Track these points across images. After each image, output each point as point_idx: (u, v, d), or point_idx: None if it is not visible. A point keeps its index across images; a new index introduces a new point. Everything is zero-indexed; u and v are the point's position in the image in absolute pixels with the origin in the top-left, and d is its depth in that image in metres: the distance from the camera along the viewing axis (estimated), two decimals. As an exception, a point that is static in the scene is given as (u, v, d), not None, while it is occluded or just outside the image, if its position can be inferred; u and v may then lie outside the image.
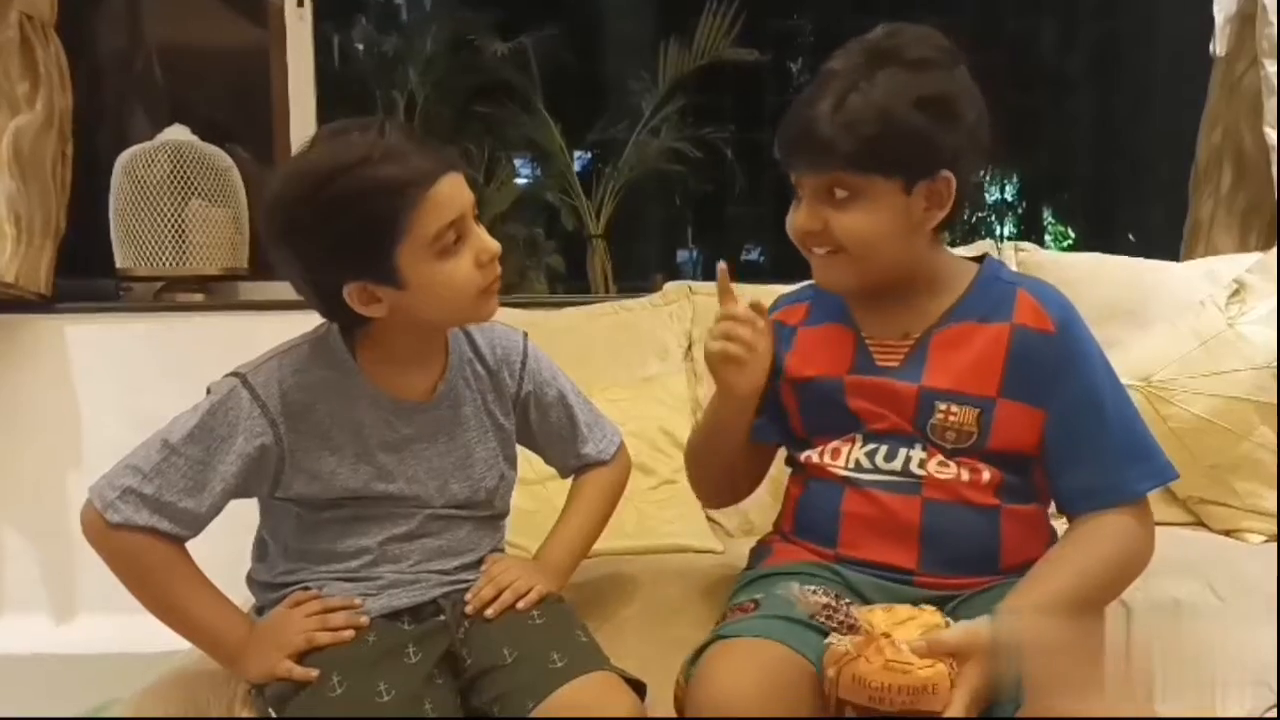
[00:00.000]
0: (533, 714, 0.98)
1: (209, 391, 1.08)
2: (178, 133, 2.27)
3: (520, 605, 1.11)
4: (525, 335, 1.24)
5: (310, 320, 1.13)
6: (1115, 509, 1.05)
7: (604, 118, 3.40)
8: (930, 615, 0.96)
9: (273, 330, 1.13)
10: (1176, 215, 2.32)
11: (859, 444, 1.12)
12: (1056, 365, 1.07)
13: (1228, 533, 1.60)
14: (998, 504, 1.08)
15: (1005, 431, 1.07)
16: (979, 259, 1.18)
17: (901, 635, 0.91)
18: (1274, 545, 1.54)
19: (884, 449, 1.10)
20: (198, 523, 1.05)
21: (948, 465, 1.08)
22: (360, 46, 3.22)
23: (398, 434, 1.11)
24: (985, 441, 1.08)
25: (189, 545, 1.06)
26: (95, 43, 2.51)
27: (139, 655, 1.22)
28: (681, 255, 3.92)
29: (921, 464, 1.08)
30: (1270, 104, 1.97)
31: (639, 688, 1.03)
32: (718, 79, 3.34)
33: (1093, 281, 1.78)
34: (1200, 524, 1.64)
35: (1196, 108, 2.24)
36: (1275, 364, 1.57)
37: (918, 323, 1.12)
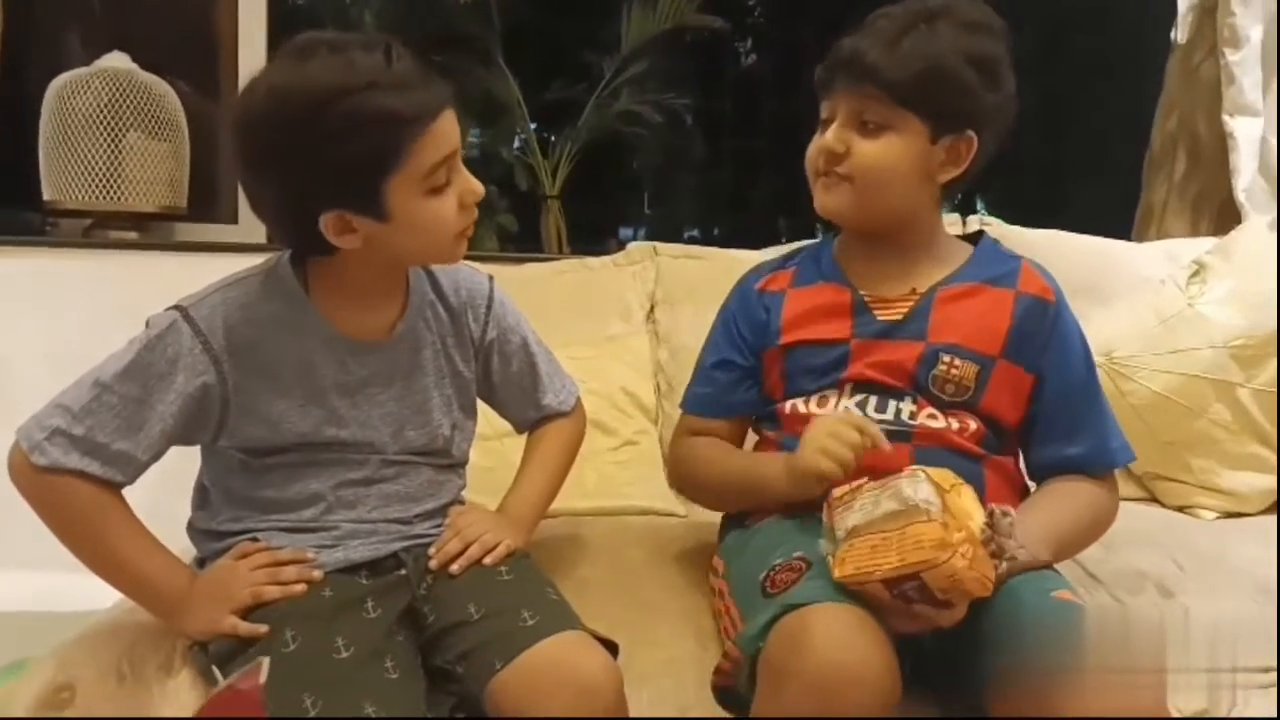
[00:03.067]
0: (502, 672, 0.93)
1: (148, 325, 1.00)
2: (117, 60, 2.13)
3: (487, 560, 1.06)
4: (491, 279, 1.19)
5: (248, 265, 1.05)
6: (1080, 477, 1.11)
7: (562, 78, 3.31)
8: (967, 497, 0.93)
9: (211, 274, 1.05)
10: (1117, 199, 2.36)
11: (848, 393, 1.11)
12: (1051, 333, 1.13)
13: (1180, 508, 1.62)
14: (982, 454, 1.09)
15: (997, 391, 1.10)
16: (974, 237, 1.21)
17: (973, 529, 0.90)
18: (1226, 522, 1.57)
19: (874, 399, 1.11)
20: (133, 467, 0.97)
21: (936, 417, 1.09)
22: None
23: (351, 375, 1.05)
24: (979, 398, 1.10)
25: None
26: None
27: (54, 614, 1.15)
28: (625, 233, 3.85)
29: (912, 415, 1.09)
30: (1229, 93, 1.99)
31: (611, 648, 0.99)
32: (681, 45, 3.28)
33: (1055, 257, 1.78)
34: (1154, 499, 1.66)
35: (1142, 93, 2.27)
36: (1233, 344, 1.59)
37: (923, 280, 1.14)
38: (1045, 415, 1.13)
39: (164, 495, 1.06)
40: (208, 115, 2.37)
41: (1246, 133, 1.99)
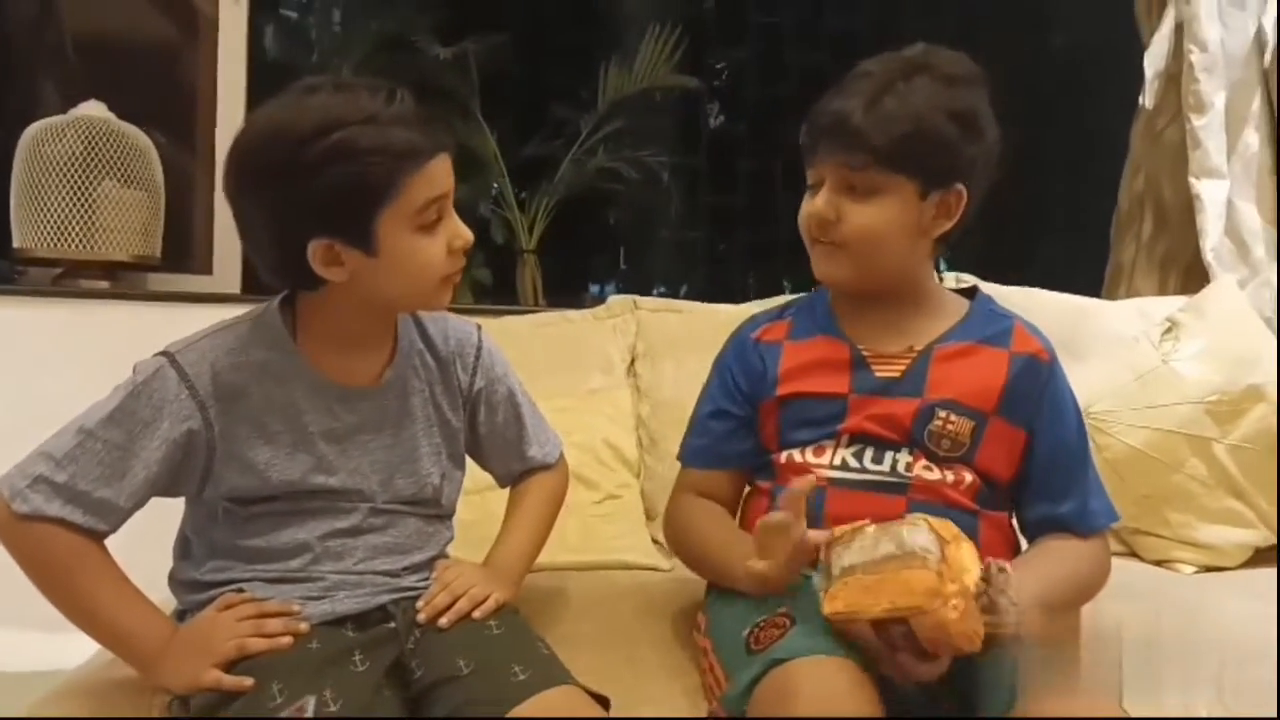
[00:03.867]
0: (495, 729, 0.91)
1: (134, 371, 0.98)
2: (93, 108, 2.12)
3: (476, 614, 1.04)
4: (480, 328, 1.18)
5: (222, 316, 1.04)
6: (1072, 537, 1.12)
7: (539, 134, 3.34)
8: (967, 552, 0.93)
9: (184, 324, 1.04)
10: (1076, 257, 2.41)
11: (844, 444, 1.11)
12: (1044, 392, 1.13)
13: (1159, 562, 1.63)
14: (976, 508, 1.09)
15: (991, 447, 1.11)
16: (968, 291, 1.23)
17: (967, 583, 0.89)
18: (1205, 576, 1.58)
19: (871, 450, 1.10)
20: (115, 515, 0.95)
21: (932, 469, 1.09)
22: (293, 36, 3.11)
23: (340, 422, 1.03)
24: (973, 454, 1.10)
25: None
26: (4, 9, 2.34)
27: (19, 674, 1.10)
28: (594, 289, 3.87)
29: (908, 467, 1.09)
30: (1195, 156, 2.06)
31: (603, 703, 0.98)
32: (656, 103, 3.33)
33: (1030, 314, 1.81)
34: (1132, 554, 1.67)
35: (1103, 152, 2.35)
36: (1208, 400, 1.62)
37: (920, 337, 1.14)
38: (1037, 473, 1.13)
39: (143, 546, 1.03)
40: (184, 166, 2.36)
41: (1212, 195, 2.05)
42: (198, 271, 2.35)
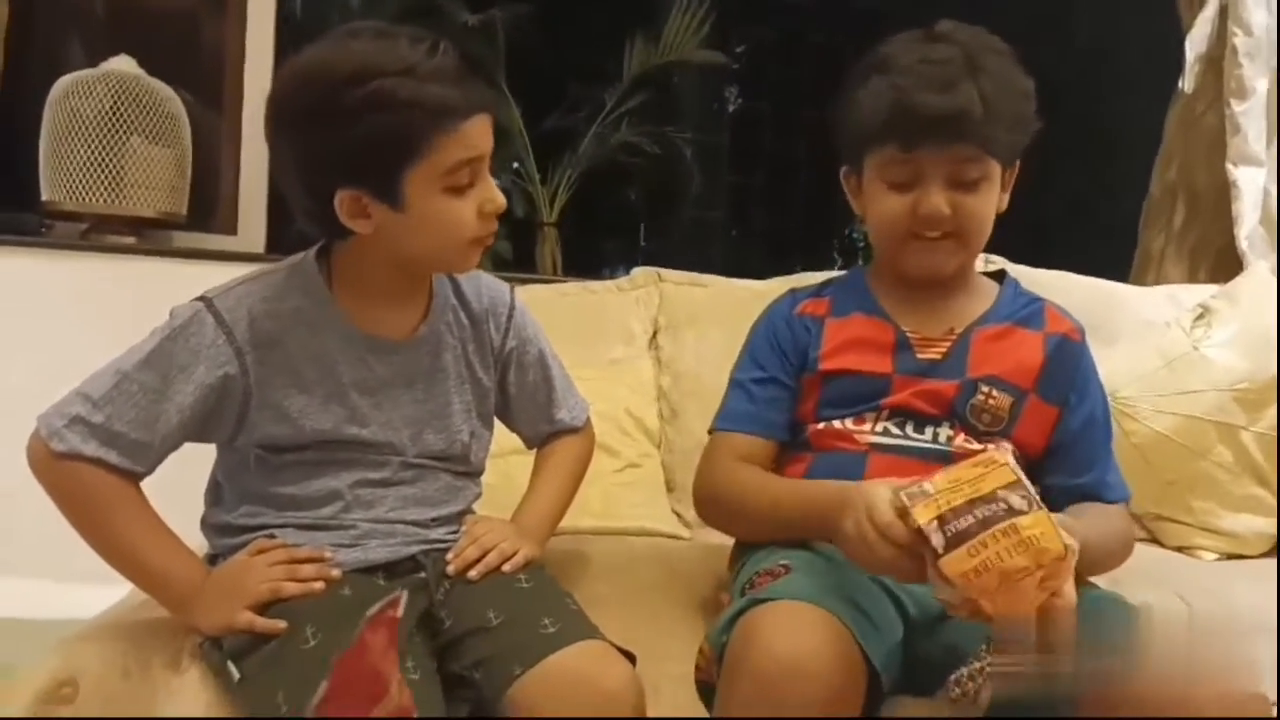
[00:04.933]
0: (522, 679, 0.91)
1: (171, 315, 0.98)
2: (123, 64, 2.12)
3: (506, 568, 1.04)
4: (512, 288, 1.18)
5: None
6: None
7: (562, 106, 3.33)
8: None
9: (208, 283, 1.03)
10: (1099, 249, 2.39)
11: (885, 415, 1.11)
12: (1077, 370, 1.16)
13: (1180, 549, 1.62)
14: None
15: (1027, 423, 1.12)
16: (997, 275, 1.23)
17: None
18: (1226, 563, 1.57)
19: (911, 423, 1.11)
20: (150, 457, 0.96)
21: (972, 442, 1.10)
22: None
23: (373, 374, 1.03)
24: (1011, 429, 1.11)
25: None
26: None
27: (42, 621, 1.11)
28: (608, 273, 3.86)
29: (949, 439, 1.10)
30: (1234, 142, 2.03)
31: (630, 659, 0.97)
32: (682, 79, 3.32)
33: (1060, 297, 1.79)
34: (1154, 540, 1.66)
35: (1130, 144, 2.32)
36: (1237, 387, 1.60)
37: (959, 320, 1.15)
38: (1064, 447, 1.14)
39: (176, 494, 1.03)
40: (211, 126, 2.36)
41: (1250, 182, 2.03)
42: (223, 231, 2.35)
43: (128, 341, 0.98)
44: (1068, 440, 1.14)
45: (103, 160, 2.06)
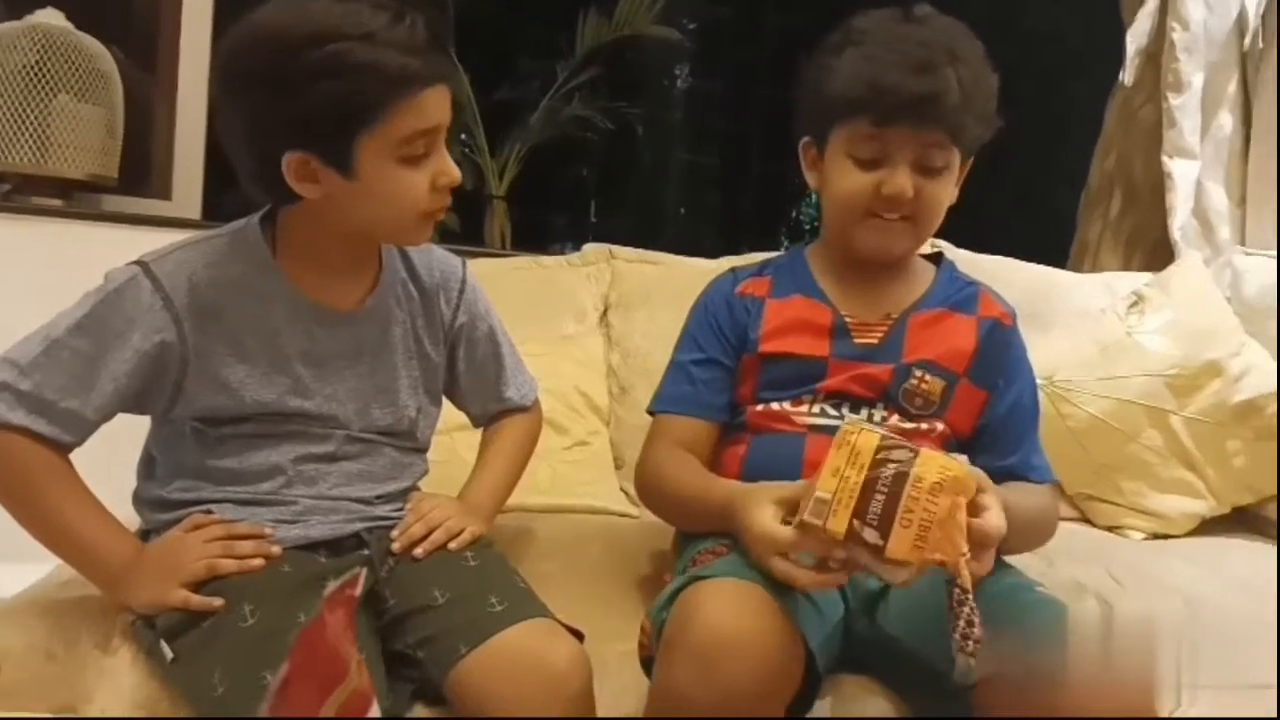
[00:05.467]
0: (468, 658, 0.90)
1: (106, 279, 0.95)
2: (50, 16, 2.02)
3: (452, 546, 1.03)
4: (465, 263, 1.16)
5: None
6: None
7: (513, 79, 3.28)
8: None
9: (140, 249, 0.99)
10: (1037, 236, 2.44)
11: (822, 398, 1.12)
12: (1007, 354, 1.18)
13: (1110, 529, 1.67)
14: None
15: (958, 407, 1.13)
16: (934, 257, 1.24)
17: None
18: (1154, 542, 1.62)
19: (848, 404, 1.12)
20: (81, 427, 0.92)
21: (905, 423, 1.11)
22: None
23: (318, 345, 1.01)
24: (943, 411, 1.13)
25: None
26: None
27: None
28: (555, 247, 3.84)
29: (883, 420, 1.11)
30: (1170, 135, 2.08)
31: (577, 637, 0.97)
32: (633, 54, 3.29)
33: (1000, 283, 1.83)
34: (1085, 519, 1.71)
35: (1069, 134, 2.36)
36: (1168, 373, 1.65)
37: (895, 305, 1.16)
38: (992, 429, 1.16)
39: (105, 465, 1.00)
40: (144, 85, 2.27)
41: (1184, 174, 2.08)
42: (156, 196, 2.26)
43: (53, 309, 0.94)
44: (995, 423, 1.15)
45: (27, 118, 1.96)
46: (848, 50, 1.08)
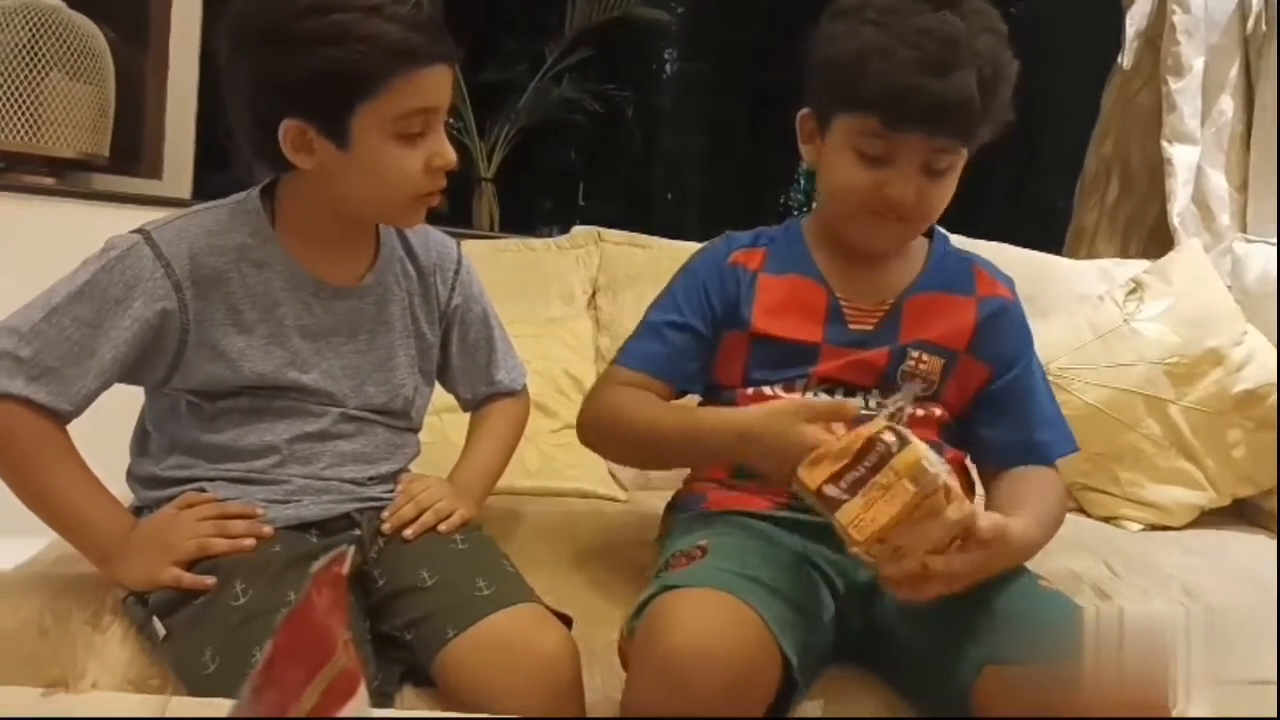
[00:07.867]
0: (455, 641, 0.90)
1: (106, 246, 0.94)
2: (43, -7, 1.99)
3: (442, 528, 1.02)
4: (459, 244, 1.15)
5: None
6: (1041, 466, 1.11)
7: (501, 59, 3.25)
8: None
9: (128, 228, 0.98)
10: (1032, 223, 2.42)
11: (814, 383, 1.09)
12: (1009, 328, 1.15)
13: (1107, 519, 1.66)
14: (939, 443, 1.08)
15: (958, 384, 1.11)
16: (927, 232, 1.19)
17: None
18: (1151, 533, 1.61)
19: (842, 389, 1.09)
20: (80, 396, 0.91)
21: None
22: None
23: (316, 319, 1.01)
24: (942, 391, 1.11)
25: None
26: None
27: None
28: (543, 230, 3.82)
29: (879, 404, 1.07)
30: (1170, 120, 2.07)
31: (566, 623, 0.97)
32: (622, 37, 3.26)
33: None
34: (1081, 510, 1.70)
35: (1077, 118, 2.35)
36: (1167, 361, 1.64)
37: (891, 288, 1.12)
38: (1000, 403, 1.13)
39: (100, 441, 0.99)
40: (136, 65, 2.25)
41: (1184, 159, 2.06)
42: (147, 175, 2.25)
43: (43, 287, 0.93)
44: (998, 397, 1.12)
45: (19, 96, 1.95)
46: (865, 30, 1.00)
